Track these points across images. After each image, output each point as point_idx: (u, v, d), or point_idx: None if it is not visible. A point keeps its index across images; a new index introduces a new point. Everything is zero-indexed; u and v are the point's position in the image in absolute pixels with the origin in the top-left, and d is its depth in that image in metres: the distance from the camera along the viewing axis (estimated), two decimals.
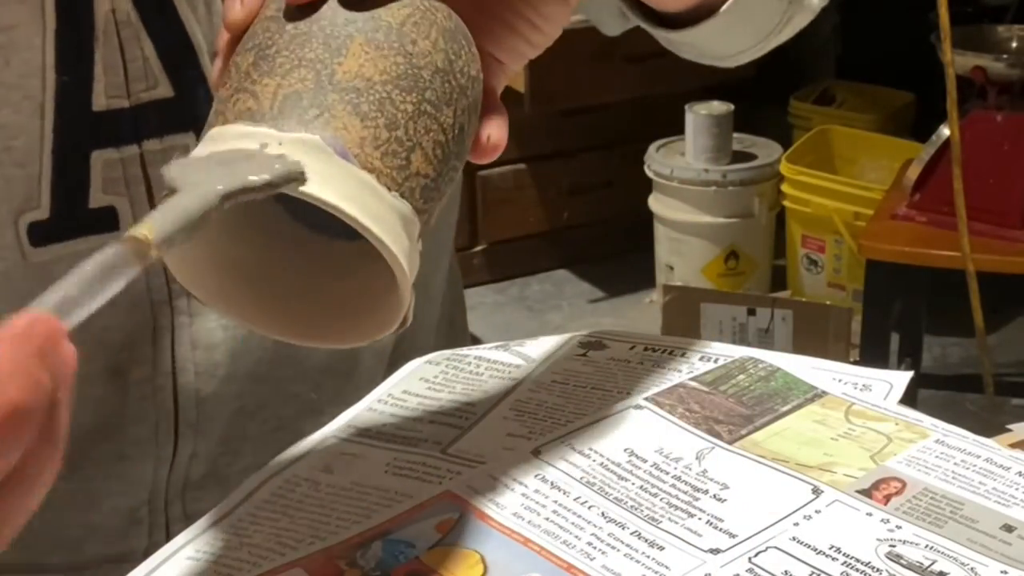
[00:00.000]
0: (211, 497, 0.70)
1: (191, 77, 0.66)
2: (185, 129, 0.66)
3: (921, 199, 1.96)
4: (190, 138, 0.66)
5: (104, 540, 0.70)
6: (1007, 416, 2.19)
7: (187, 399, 0.68)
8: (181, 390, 0.68)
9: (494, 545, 0.55)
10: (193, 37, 0.66)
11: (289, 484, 0.61)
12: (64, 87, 0.63)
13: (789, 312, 2.11)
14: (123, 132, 0.65)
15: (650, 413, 0.64)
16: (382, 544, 0.55)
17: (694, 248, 2.72)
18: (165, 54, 0.65)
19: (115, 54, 0.64)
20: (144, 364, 0.67)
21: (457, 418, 0.66)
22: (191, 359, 0.68)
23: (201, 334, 0.68)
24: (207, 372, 0.69)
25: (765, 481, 0.58)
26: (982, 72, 1.89)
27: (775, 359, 0.69)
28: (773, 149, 2.74)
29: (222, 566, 0.56)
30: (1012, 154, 1.90)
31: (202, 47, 0.66)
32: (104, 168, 0.65)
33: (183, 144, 0.66)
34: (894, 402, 0.66)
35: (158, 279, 0.67)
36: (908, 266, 1.95)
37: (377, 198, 0.47)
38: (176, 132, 0.66)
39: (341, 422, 0.67)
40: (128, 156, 0.65)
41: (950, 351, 2.58)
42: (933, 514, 0.56)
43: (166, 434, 0.69)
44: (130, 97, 0.65)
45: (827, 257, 2.62)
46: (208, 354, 0.69)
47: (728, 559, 0.53)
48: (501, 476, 0.59)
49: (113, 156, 0.65)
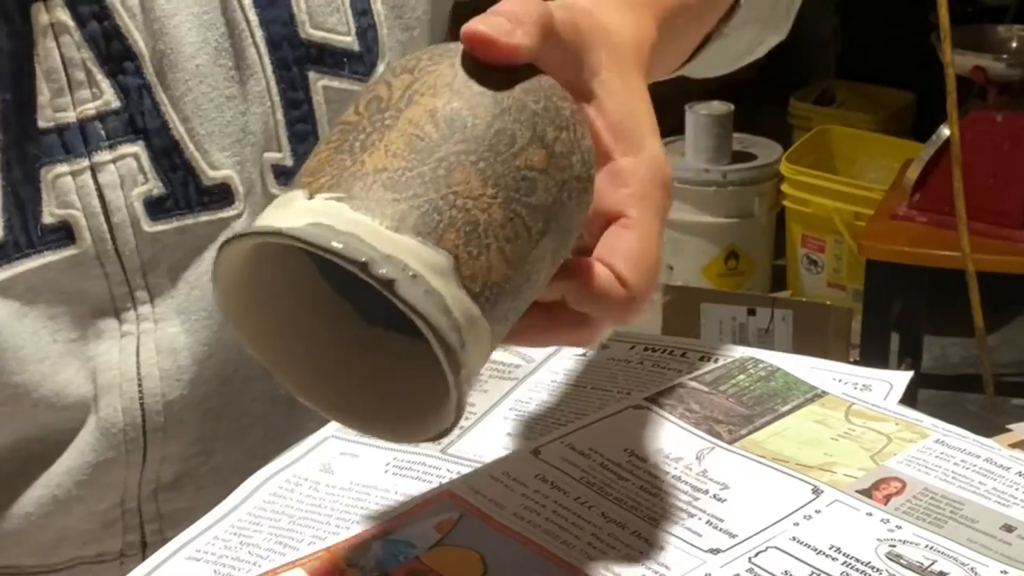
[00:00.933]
0: (185, 497, 0.70)
1: (135, 84, 0.65)
2: (135, 138, 0.65)
3: (921, 199, 1.96)
4: (139, 146, 0.66)
5: (78, 542, 0.70)
6: (1007, 416, 2.19)
7: (153, 404, 0.68)
8: (147, 395, 0.68)
9: (494, 545, 0.55)
10: (134, 45, 0.65)
11: (289, 484, 0.61)
12: (6, 105, 0.63)
13: (789, 312, 2.11)
14: (71, 145, 0.65)
15: (650, 413, 0.64)
16: (382, 544, 0.55)
17: (694, 248, 2.72)
18: (107, 62, 0.65)
19: (57, 67, 0.64)
20: (110, 371, 0.67)
21: None
22: (156, 364, 0.68)
23: (165, 340, 0.68)
24: (172, 377, 0.68)
25: (765, 481, 0.58)
26: (982, 72, 1.89)
27: (775, 359, 0.69)
28: (773, 149, 2.74)
29: (222, 566, 0.56)
30: (1012, 154, 1.90)
31: (144, 53, 0.65)
32: (54, 182, 0.64)
33: (132, 153, 0.65)
34: (894, 402, 0.66)
35: (120, 288, 0.66)
36: (908, 266, 1.95)
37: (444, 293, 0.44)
38: (125, 142, 0.65)
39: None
40: (78, 169, 0.65)
41: (950, 351, 2.58)
42: (933, 514, 0.56)
43: (135, 441, 0.68)
44: (75, 109, 0.64)
45: (827, 257, 2.62)
46: (173, 359, 0.68)
47: (728, 559, 0.53)
48: (501, 476, 0.59)
49: (63, 170, 0.64)
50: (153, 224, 0.66)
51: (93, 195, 0.65)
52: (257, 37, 0.68)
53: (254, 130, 0.69)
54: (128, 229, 0.66)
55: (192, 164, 0.67)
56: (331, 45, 0.70)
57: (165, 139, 0.66)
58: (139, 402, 0.68)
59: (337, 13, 0.70)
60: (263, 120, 0.69)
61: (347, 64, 0.71)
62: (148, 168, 0.66)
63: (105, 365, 0.67)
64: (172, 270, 0.68)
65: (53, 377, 0.66)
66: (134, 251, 0.66)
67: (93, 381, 0.67)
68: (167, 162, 0.66)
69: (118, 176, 0.65)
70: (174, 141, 0.66)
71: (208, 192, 0.67)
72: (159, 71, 0.66)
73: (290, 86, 0.69)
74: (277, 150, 0.70)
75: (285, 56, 0.69)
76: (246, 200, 0.68)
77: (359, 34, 0.71)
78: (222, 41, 0.67)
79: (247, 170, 0.68)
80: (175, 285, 0.68)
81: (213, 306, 0.69)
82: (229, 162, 0.68)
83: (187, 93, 0.66)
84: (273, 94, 0.69)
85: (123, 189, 0.65)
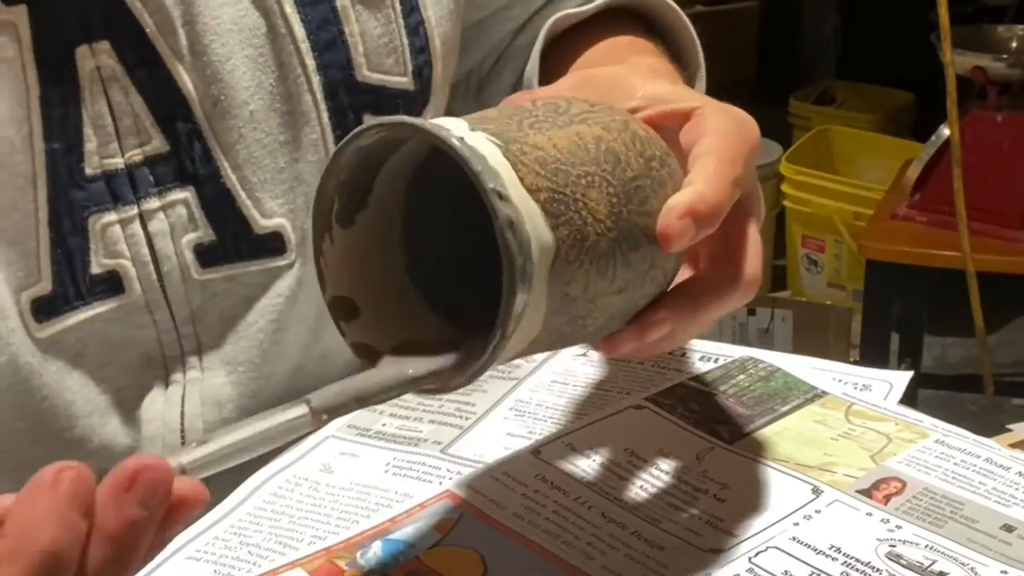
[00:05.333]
0: None
1: (185, 130, 0.64)
2: (183, 184, 0.64)
3: (921, 199, 1.96)
4: (189, 192, 0.64)
5: None
6: (1007, 416, 2.19)
7: None
8: None
9: (494, 545, 0.55)
10: (183, 88, 0.64)
11: (289, 484, 0.61)
12: (53, 154, 0.61)
13: (789, 312, 2.11)
14: (120, 193, 0.63)
15: (650, 413, 0.64)
16: (382, 544, 0.55)
17: None
18: (156, 108, 0.63)
19: (104, 112, 0.62)
20: (154, 422, 0.66)
21: (457, 418, 0.66)
22: (200, 416, 0.67)
23: (211, 390, 0.67)
24: (216, 429, 0.67)
25: (765, 481, 0.58)
26: (982, 72, 1.89)
27: (775, 359, 0.69)
28: (773, 149, 2.74)
29: (222, 566, 0.56)
30: (1012, 154, 1.90)
31: (193, 98, 0.64)
32: (103, 232, 0.63)
33: (182, 199, 0.64)
34: (894, 402, 0.66)
35: (169, 336, 0.66)
36: (908, 266, 1.94)
37: None
38: (174, 188, 0.64)
39: (341, 422, 0.67)
40: (127, 217, 0.63)
41: (950, 351, 2.58)
42: (933, 514, 0.56)
43: None
44: (124, 155, 0.63)
45: (827, 257, 2.62)
46: (218, 411, 0.67)
47: (728, 559, 0.53)
48: (501, 476, 0.59)
49: (112, 219, 0.63)
50: (203, 272, 0.65)
51: (142, 244, 0.64)
52: (314, 84, 0.66)
53: (308, 178, 0.67)
54: (178, 277, 0.65)
55: (243, 212, 0.66)
56: (387, 87, 0.69)
57: (216, 186, 0.65)
58: None
59: (395, 53, 0.69)
60: (318, 168, 0.67)
61: (401, 105, 0.69)
62: (198, 215, 0.65)
63: (149, 415, 0.66)
64: (222, 319, 0.67)
65: (101, 430, 0.65)
66: (184, 299, 0.65)
67: (137, 432, 0.66)
68: (218, 210, 0.65)
69: (167, 224, 0.64)
70: (225, 188, 0.65)
71: (259, 241, 0.66)
72: (210, 116, 0.64)
73: (346, 133, 0.68)
74: None
75: (341, 102, 0.67)
76: (298, 250, 0.67)
77: (415, 73, 0.70)
78: (276, 85, 0.65)
79: (300, 219, 0.67)
80: (224, 335, 0.67)
81: (260, 358, 0.68)
82: (282, 210, 0.67)
83: (240, 140, 0.65)
84: (328, 142, 0.67)
85: (173, 237, 0.64)
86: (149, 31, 0.63)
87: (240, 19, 0.65)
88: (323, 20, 0.67)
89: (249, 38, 0.65)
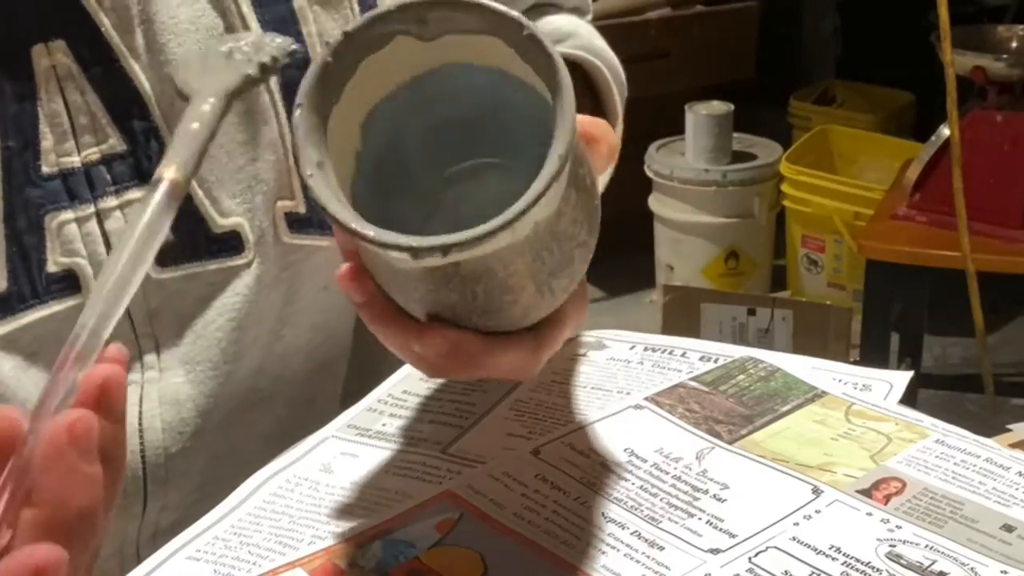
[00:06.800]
0: None
1: (142, 129, 0.64)
2: (141, 183, 0.64)
3: (921, 199, 1.96)
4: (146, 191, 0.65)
5: None
6: (1007, 416, 2.19)
7: (155, 458, 0.67)
8: (148, 448, 0.66)
9: (494, 545, 0.55)
10: (140, 87, 0.64)
11: (289, 484, 0.61)
12: (9, 152, 0.61)
13: (789, 312, 2.11)
14: (76, 191, 0.63)
15: (650, 413, 0.64)
16: (382, 544, 0.55)
17: (694, 248, 2.72)
18: (112, 106, 0.63)
19: (60, 111, 0.62)
20: None
21: (457, 418, 0.66)
22: (159, 415, 0.67)
23: (169, 390, 0.67)
24: (175, 429, 0.67)
25: (765, 481, 0.58)
26: (982, 72, 1.89)
27: (775, 359, 0.69)
28: (773, 149, 2.74)
29: (222, 566, 0.56)
30: (1012, 154, 1.90)
31: (150, 97, 0.64)
32: (59, 230, 0.63)
33: (140, 198, 0.63)
34: (894, 402, 0.66)
35: (127, 336, 0.65)
36: (908, 266, 1.94)
37: None
38: (132, 187, 0.64)
39: (341, 422, 0.67)
40: (83, 216, 0.63)
41: (950, 351, 2.58)
42: (933, 514, 0.56)
43: (135, 494, 0.67)
44: (80, 154, 0.63)
45: (827, 257, 2.62)
46: (176, 410, 0.67)
47: (728, 559, 0.53)
48: (501, 476, 0.59)
49: (68, 217, 0.63)
50: (161, 271, 0.65)
51: (99, 243, 0.64)
52: (272, 83, 0.67)
53: (266, 178, 0.67)
54: None
55: (201, 211, 0.66)
56: None
57: None
58: (140, 455, 0.66)
59: None
60: (275, 167, 0.67)
61: None
62: None
63: None
64: (179, 318, 0.67)
65: None
66: (141, 298, 0.65)
67: None
68: None
69: (125, 223, 0.64)
70: None
71: (217, 240, 0.66)
72: (167, 114, 0.64)
73: None
74: (290, 198, 0.68)
75: None
76: (256, 248, 0.67)
77: None
78: None
79: (258, 218, 0.67)
80: (181, 334, 0.67)
81: (219, 357, 0.68)
82: (239, 209, 0.67)
83: None
84: (286, 141, 0.67)
85: None
86: (105, 30, 0.63)
87: (197, 18, 0.65)
88: (280, 20, 0.67)
89: (206, 37, 0.65)
